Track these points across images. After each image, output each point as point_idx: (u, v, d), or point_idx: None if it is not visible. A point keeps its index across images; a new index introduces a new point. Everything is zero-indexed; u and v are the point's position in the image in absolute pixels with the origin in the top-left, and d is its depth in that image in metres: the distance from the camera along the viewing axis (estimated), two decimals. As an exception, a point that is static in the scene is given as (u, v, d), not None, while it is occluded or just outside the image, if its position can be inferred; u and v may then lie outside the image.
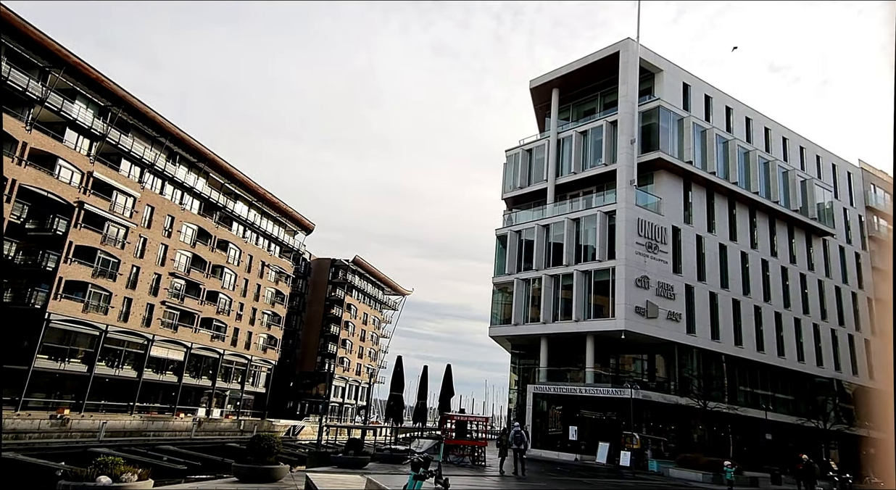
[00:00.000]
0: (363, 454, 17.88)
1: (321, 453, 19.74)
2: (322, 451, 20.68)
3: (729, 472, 22.11)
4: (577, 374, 34.37)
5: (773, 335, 37.53)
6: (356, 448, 17.83)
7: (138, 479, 9.90)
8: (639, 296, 31.36)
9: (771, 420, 33.58)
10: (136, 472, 9.96)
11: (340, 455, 17.91)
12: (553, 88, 39.77)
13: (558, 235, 35.90)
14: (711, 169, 36.18)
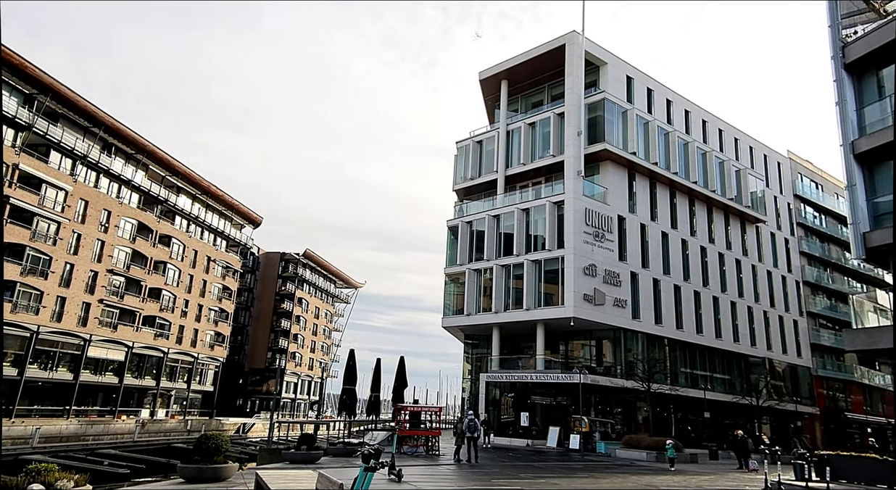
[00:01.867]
0: (315, 449, 17.70)
1: (272, 450, 19.42)
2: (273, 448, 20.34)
3: (670, 449, 23.18)
4: (529, 362, 35.11)
5: (712, 318, 39.41)
6: (308, 443, 17.62)
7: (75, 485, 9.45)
8: (587, 283, 32.24)
9: (710, 399, 35.36)
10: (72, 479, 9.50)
11: (292, 451, 17.67)
12: (502, 80, 40.10)
13: (509, 226, 36.41)
14: (654, 160, 37.45)
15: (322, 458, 17.85)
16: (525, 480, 15.58)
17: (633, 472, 19.97)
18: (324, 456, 18.31)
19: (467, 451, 20.01)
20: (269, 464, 17.00)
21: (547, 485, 14.86)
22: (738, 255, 43.21)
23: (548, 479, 16.05)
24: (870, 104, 19.17)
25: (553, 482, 15.48)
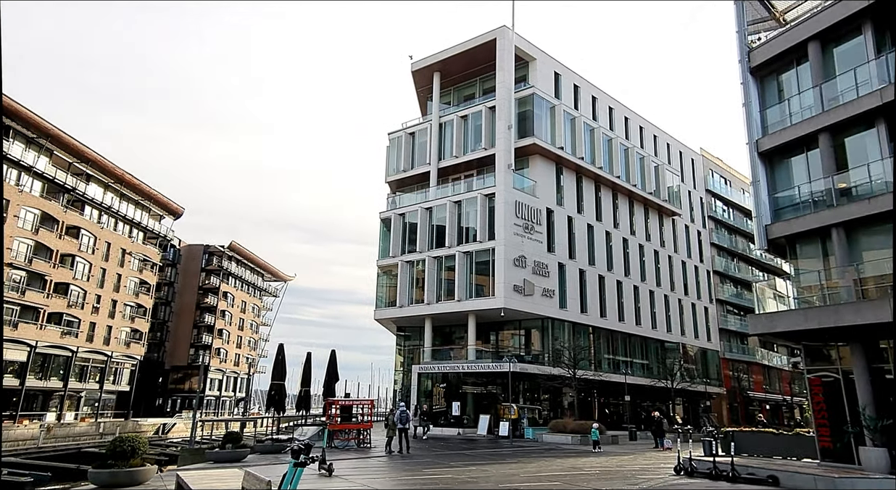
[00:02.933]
0: (241, 447, 17.16)
1: (195, 450, 18.62)
2: (196, 448, 19.51)
3: (594, 432, 24.33)
4: (460, 352, 35.60)
5: (632, 306, 41.52)
6: (234, 441, 17.05)
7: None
8: (517, 274, 33.04)
9: (630, 383, 37.30)
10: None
11: (216, 450, 17.03)
12: (434, 72, 40.10)
13: (441, 218, 36.63)
14: (580, 154, 38.80)
15: (249, 456, 17.34)
16: (456, 468, 15.85)
17: (558, 455, 20.78)
18: (251, 454, 17.80)
19: (399, 443, 20.11)
20: (191, 465, 16.30)
21: (477, 472, 15.18)
22: (657, 246, 45.70)
23: (478, 466, 16.40)
24: (771, 106, 20.74)
25: (483, 469, 15.85)
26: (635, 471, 16.04)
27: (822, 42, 19.00)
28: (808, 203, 18.81)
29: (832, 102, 18.31)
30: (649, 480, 13.79)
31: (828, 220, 17.67)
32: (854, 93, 17.71)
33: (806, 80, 19.59)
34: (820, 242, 18.51)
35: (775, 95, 20.95)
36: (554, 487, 12.29)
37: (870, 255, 17.27)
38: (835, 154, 18.29)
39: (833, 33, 18.76)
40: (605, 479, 13.94)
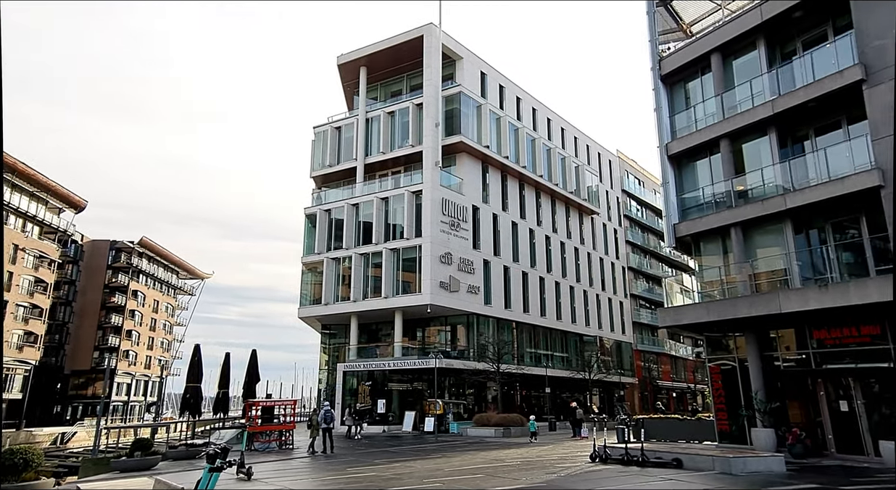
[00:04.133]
0: (152, 454, 16.21)
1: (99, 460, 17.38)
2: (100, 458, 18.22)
3: (532, 424, 25.23)
4: (387, 349, 35.47)
5: (554, 301, 43.03)
6: (143, 449, 16.07)
7: None
8: (443, 271, 33.33)
9: (550, 375, 38.67)
10: None
11: (124, 458, 15.99)
12: (361, 67, 39.57)
13: (368, 214, 36.30)
14: (505, 153, 39.67)
15: (160, 464, 16.42)
16: (380, 466, 15.80)
17: (482, 448, 21.22)
18: (162, 461, 16.87)
19: (323, 443, 19.77)
20: (94, 475, 15.21)
21: (402, 468, 15.22)
22: (577, 243, 47.59)
23: (403, 463, 16.44)
24: (679, 112, 22.17)
25: (408, 465, 15.90)
26: (554, 460, 16.67)
27: (722, 54, 20.51)
28: (711, 204, 20.26)
29: (731, 111, 19.82)
30: (567, 469, 14.38)
31: (727, 220, 19.13)
32: (750, 102, 19.26)
33: (709, 89, 21.08)
34: (721, 241, 20.01)
35: (683, 102, 22.39)
36: (477, 480, 12.54)
37: (763, 253, 18.87)
38: (734, 159, 19.81)
39: (732, 47, 20.30)
40: (525, 469, 14.40)
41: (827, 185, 16.49)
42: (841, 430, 16.09)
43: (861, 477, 12.25)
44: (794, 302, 15.63)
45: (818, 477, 12.38)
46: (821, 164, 17.30)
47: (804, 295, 15.49)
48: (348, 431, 26.82)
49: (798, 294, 15.70)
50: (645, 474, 12.89)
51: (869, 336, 15.48)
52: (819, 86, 16.96)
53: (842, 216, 17.02)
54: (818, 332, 16.65)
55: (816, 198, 16.62)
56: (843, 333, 16.06)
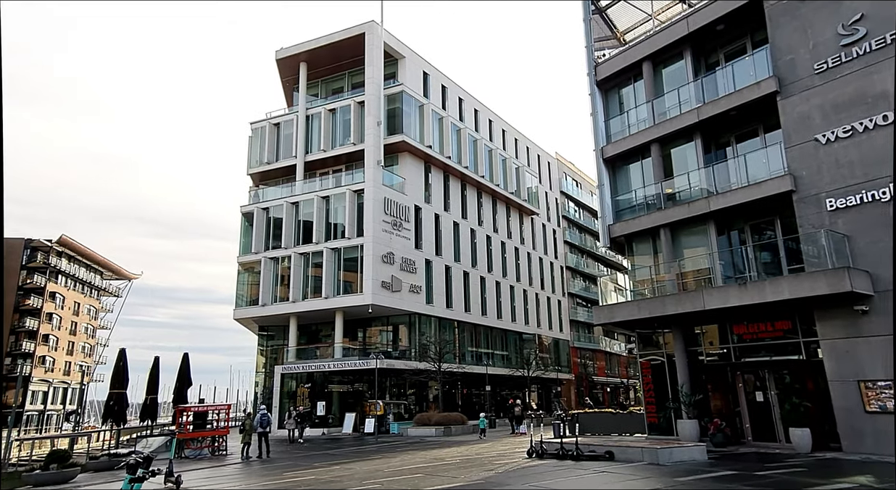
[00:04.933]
0: (70, 466, 15.21)
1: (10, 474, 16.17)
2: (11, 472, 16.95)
3: (483, 421, 25.58)
4: (327, 351, 34.90)
5: (494, 300, 43.65)
6: (60, 460, 15.06)
7: None
8: (385, 271, 33.13)
9: (491, 373, 39.17)
10: None
11: (38, 472, 14.93)
12: (301, 62, 38.72)
13: (308, 213, 35.60)
14: (448, 154, 39.88)
15: (79, 476, 15.45)
16: (319, 469, 15.53)
17: (422, 447, 21.24)
18: (82, 473, 15.87)
19: (258, 447, 19.22)
20: (5, 492, 14.13)
21: (342, 470, 15.01)
22: (517, 243, 48.49)
23: (342, 465, 16.22)
24: (614, 117, 23.03)
25: (347, 467, 15.71)
26: (493, 457, 16.91)
27: (653, 63, 21.45)
28: (643, 206, 21.14)
29: (661, 117, 20.77)
30: (505, 465, 14.63)
31: (657, 222, 20.03)
32: (678, 109, 20.25)
33: (641, 96, 22.00)
34: (652, 241, 20.92)
35: (617, 107, 23.26)
36: (416, 479, 12.55)
37: (690, 253, 19.88)
38: (663, 163, 20.77)
39: (661, 56, 21.27)
40: (464, 467, 14.53)
41: (746, 189, 17.57)
42: (757, 419, 17.19)
43: (773, 463, 13.13)
44: (716, 299, 16.53)
45: (735, 464, 13.17)
46: (741, 169, 18.41)
47: (725, 292, 16.42)
48: (290, 435, 26.15)
49: (720, 292, 16.63)
50: (579, 468, 13.29)
51: (782, 330, 16.61)
52: (739, 95, 18.05)
53: (759, 218, 18.19)
54: (738, 327, 17.70)
55: (737, 201, 17.68)
56: (760, 328, 17.16)
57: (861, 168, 15.22)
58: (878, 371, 14.27)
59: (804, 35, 16.78)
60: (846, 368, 14.83)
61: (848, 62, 15.74)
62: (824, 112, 16.08)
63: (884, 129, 14.87)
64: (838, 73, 15.91)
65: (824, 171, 15.93)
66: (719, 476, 11.39)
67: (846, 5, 15.97)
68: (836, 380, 14.95)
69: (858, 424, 14.38)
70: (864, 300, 14.51)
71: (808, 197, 16.17)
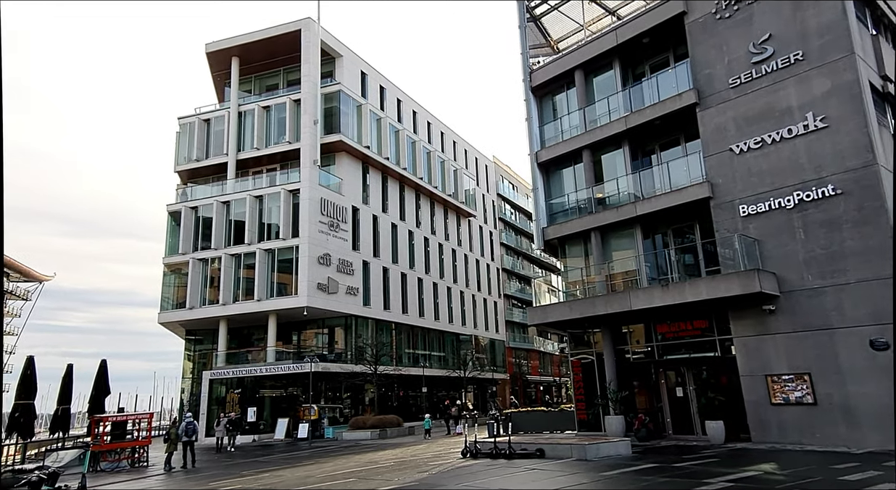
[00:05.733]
0: (-35, 486, 13.97)
1: None
2: None
3: (427, 421, 25.63)
4: (259, 355, 33.86)
5: (432, 302, 43.79)
6: (-46, 480, 13.80)
7: None
8: (321, 272, 32.53)
9: (428, 375, 39.34)
10: None
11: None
12: (233, 57, 37.39)
13: (240, 213, 34.44)
14: (386, 154, 39.66)
15: (-22, 497, 14.20)
16: (247, 477, 15.03)
17: (357, 451, 20.99)
18: (-20, 493, 14.59)
19: (183, 457, 18.37)
20: None
21: (271, 477, 14.60)
22: (454, 245, 48.87)
23: (272, 472, 15.77)
24: (548, 123, 23.68)
25: (277, 474, 15.28)
26: (428, 458, 16.95)
27: (585, 72, 22.23)
28: (576, 209, 21.86)
29: (592, 124, 21.56)
30: (439, 466, 14.69)
31: (589, 225, 20.76)
32: (608, 117, 21.09)
33: (574, 103, 22.74)
34: (583, 244, 21.65)
35: (552, 113, 23.92)
36: (349, 484, 12.39)
37: (618, 255, 20.72)
38: (594, 168, 21.56)
39: (592, 65, 22.07)
40: (399, 470, 14.48)
41: (669, 194, 18.54)
42: (677, 413, 18.15)
43: (691, 454, 13.91)
44: (641, 300, 17.33)
45: (657, 457, 13.84)
46: (665, 176, 19.40)
47: (650, 293, 17.24)
48: (218, 443, 25.05)
49: (645, 293, 17.44)
50: (511, 466, 13.55)
51: (700, 329, 17.63)
52: (662, 106, 19.03)
53: (681, 223, 19.21)
54: (661, 326, 18.62)
55: (661, 206, 18.62)
56: (681, 327, 18.12)
57: (769, 177, 16.39)
58: (782, 366, 15.41)
59: (720, 51, 17.91)
60: (755, 364, 15.92)
61: (758, 78, 16.93)
62: (738, 124, 17.21)
63: (789, 141, 16.10)
64: (750, 88, 17.09)
65: (738, 179, 17.04)
66: (641, 469, 11.94)
67: (756, 25, 17.18)
68: (747, 374, 16.02)
69: (765, 416, 15.47)
70: (772, 300, 15.63)
71: (724, 203, 17.25)
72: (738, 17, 17.63)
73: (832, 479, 9.79)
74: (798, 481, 9.73)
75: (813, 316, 15.05)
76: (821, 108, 15.56)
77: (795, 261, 15.55)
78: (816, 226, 15.29)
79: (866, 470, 10.52)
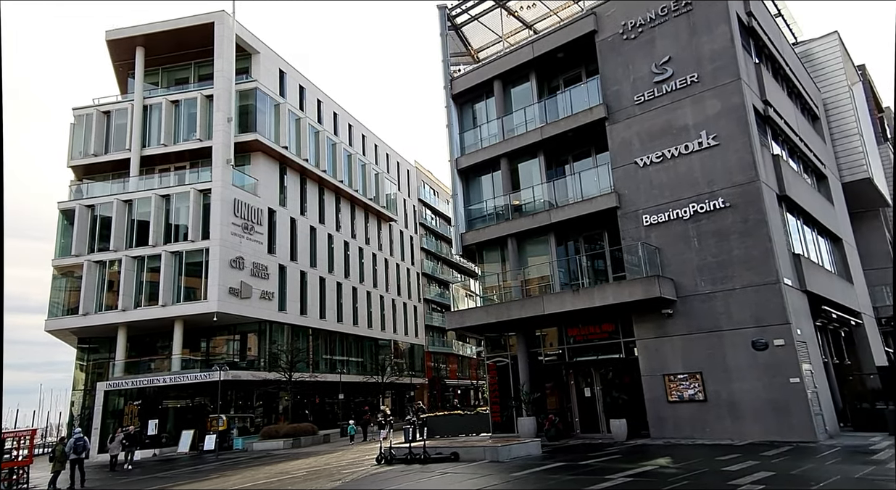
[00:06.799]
0: None
1: None
2: None
3: (351, 428, 25.04)
4: (163, 364, 31.82)
5: (351, 307, 43.11)
6: None
7: None
8: (233, 276, 31.13)
9: (345, 381, 38.63)
10: None
11: None
12: (137, 46, 35.04)
13: (145, 213, 32.29)
14: (305, 156, 38.67)
15: None
16: (145, 496, 14.04)
17: (268, 462, 20.22)
18: None
19: (71, 477, 16.87)
20: None
21: (172, 495, 13.73)
22: (375, 249, 48.46)
23: (175, 488, 14.84)
24: (468, 130, 24.10)
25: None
26: (342, 466, 16.63)
27: (503, 82, 22.85)
28: (493, 216, 22.36)
29: (510, 133, 22.18)
30: (353, 474, 14.45)
31: (505, 231, 21.30)
32: (524, 127, 21.78)
33: (493, 112, 23.30)
34: (500, 249, 22.19)
35: (471, 121, 24.37)
36: (256, 497, 11.90)
37: (533, 261, 21.41)
38: (511, 176, 22.18)
39: (511, 76, 22.74)
40: (311, 479, 14.10)
41: (580, 203, 19.42)
42: (585, 413, 19.01)
43: (596, 452, 14.59)
44: (554, 304, 18.01)
45: (566, 455, 14.40)
46: (577, 185, 20.31)
47: (562, 298, 17.95)
48: (114, 460, 23.10)
49: (558, 297, 18.14)
50: (426, 471, 13.58)
51: (607, 332, 18.57)
52: (575, 119, 19.93)
53: (592, 231, 20.17)
54: (572, 330, 19.43)
55: (573, 214, 19.46)
56: (590, 330, 19.01)
57: (669, 190, 17.60)
58: (678, 366, 16.56)
59: (627, 70, 19.04)
60: (655, 364, 16.99)
61: (659, 97, 18.17)
62: (642, 139, 18.36)
63: (686, 157, 17.38)
64: (652, 105, 18.30)
65: (642, 190, 18.16)
66: (550, 468, 12.37)
67: (658, 48, 18.44)
68: (647, 374, 17.06)
69: (663, 413, 16.55)
70: (670, 305, 16.76)
71: (630, 213, 18.31)
72: (642, 39, 18.84)
73: (717, 470, 10.62)
74: (688, 473, 10.46)
75: (705, 319, 16.29)
76: (713, 127, 16.94)
77: (691, 268, 16.78)
78: (709, 236, 16.59)
79: (746, 460, 11.51)
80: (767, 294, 15.31)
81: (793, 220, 18.54)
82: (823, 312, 18.18)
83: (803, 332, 15.89)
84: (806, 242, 19.35)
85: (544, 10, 24.82)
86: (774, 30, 21.83)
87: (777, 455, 12.13)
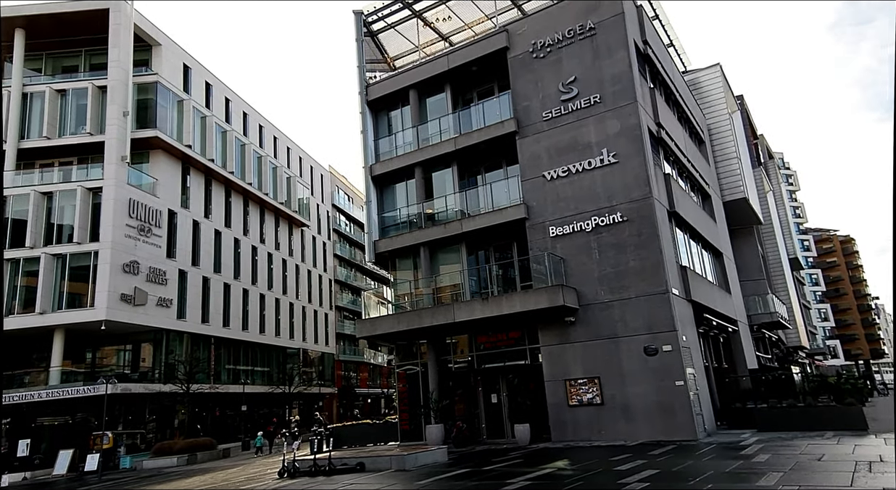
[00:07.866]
0: None
1: None
2: None
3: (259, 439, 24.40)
4: (39, 377, 28.82)
5: (258, 314, 41.35)
6: None
7: None
8: (126, 282, 28.91)
9: (249, 392, 36.91)
10: None
11: None
12: (17, 28, 31.80)
13: (21, 211, 29.27)
14: (210, 156, 36.76)
15: None
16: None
17: (159, 481, 18.84)
18: None
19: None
20: None
21: (43, 524, 12.42)
22: (285, 255, 46.88)
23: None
24: (383, 137, 24.01)
25: (52, 518, 13.06)
26: (241, 482, 15.84)
27: (419, 91, 23.03)
28: (407, 224, 22.38)
29: (425, 142, 22.34)
30: None
31: (418, 240, 21.37)
32: (439, 137, 22.04)
33: (408, 120, 23.38)
34: (413, 257, 22.22)
35: (387, 128, 24.32)
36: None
37: (445, 269, 21.62)
38: (425, 185, 22.33)
39: (426, 86, 22.97)
40: (206, 498, 13.30)
41: (491, 214, 19.91)
42: (491, 418, 19.41)
43: (500, 457, 14.93)
44: (464, 312, 18.29)
45: (470, 462, 14.61)
46: (488, 196, 20.81)
47: (472, 306, 18.27)
48: None
49: (468, 305, 18.44)
50: (330, 482, 13.25)
51: (514, 339, 19.12)
52: (487, 131, 20.46)
53: (502, 241, 20.70)
54: (481, 337, 19.81)
55: (484, 224, 19.91)
56: (499, 338, 19.48)
57: (574, 203, 18.49)
58: (578, 371, 17.37)
59: (536, 87, 19.85)
60: (557, 370, 17.71)
61: (566, 115, 19.09)
62: (550, 154, 19.18)
63: (589, 172, 18.36)
64: (559, 122, 19.19)
65: (549, 203, 18.94)
66: (455, 475, 12.49)
67: (565, 67, 19.40)
68: (550, 380, 17.75)
69: (563, 417, 17.27)
70: (572, 312, 17.56)
71: (537, 224, 19.02)
72: (550, 58, 19.74)
73: (609, 470, 11.22)
74: (584, 474, 10.97)
75: (604, 326, 17.22)
76: (613, 145, 18.03)
77: (592, 278, 17.69)
78: (608, 247, 17.59)
79: (635, 460, 12.26)
80: (658, 303, 16.46)
81: (681, 234, 20.08)
82: (705, 320, 19.81)
83: (688, 339, 17.22)
84: (692, 255, 21.02)
85: (460, 23, 25.32)
86: (667, 58, 23.69)
87: (662, 454, 13.03)
